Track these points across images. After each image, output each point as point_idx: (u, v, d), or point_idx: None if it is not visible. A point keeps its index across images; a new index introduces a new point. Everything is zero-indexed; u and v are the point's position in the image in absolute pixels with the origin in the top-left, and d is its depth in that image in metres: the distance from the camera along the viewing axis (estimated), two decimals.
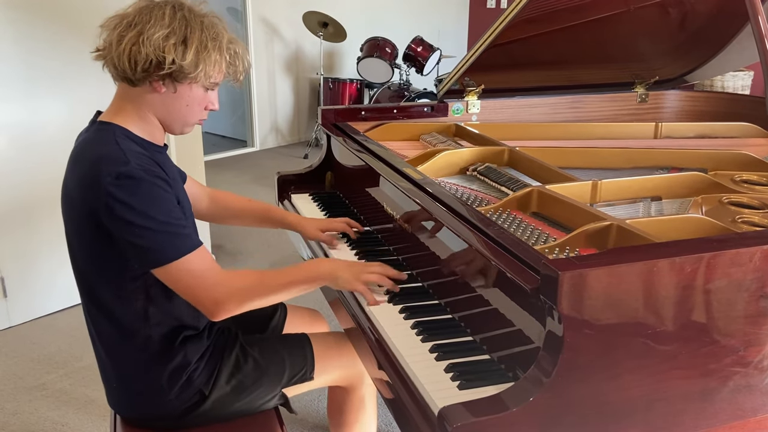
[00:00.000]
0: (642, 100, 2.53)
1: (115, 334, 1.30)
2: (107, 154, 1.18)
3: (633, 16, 2.27)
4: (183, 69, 1.19)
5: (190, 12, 1.21)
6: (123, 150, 1.18)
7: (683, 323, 1.01)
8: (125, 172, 1.15)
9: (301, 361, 1.43)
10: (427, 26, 6.47)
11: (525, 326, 1.07)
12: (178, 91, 1.23)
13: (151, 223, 1.16)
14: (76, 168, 1.23)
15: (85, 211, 1.19)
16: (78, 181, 1.21)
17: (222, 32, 1.24)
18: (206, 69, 1.21)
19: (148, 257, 1.18)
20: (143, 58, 1.17)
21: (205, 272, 1.21)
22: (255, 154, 5.72)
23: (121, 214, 1.14)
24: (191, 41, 1.18)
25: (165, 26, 1.17)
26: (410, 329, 1.26)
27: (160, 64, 1.18)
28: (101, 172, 1.15)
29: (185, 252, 1.18)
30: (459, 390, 1.07)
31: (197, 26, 1.20)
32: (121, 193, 1.14)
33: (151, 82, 1.21)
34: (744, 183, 1.74)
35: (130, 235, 1.16)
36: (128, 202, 1.14)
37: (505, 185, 1.63)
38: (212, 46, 1.21)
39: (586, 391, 0.98)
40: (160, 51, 1.16)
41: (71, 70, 2.65)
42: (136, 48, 1.16)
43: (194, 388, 1.33)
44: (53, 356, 2.50)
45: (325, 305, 2.01)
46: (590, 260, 0.94)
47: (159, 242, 1.17)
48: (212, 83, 1.26)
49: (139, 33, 1.17)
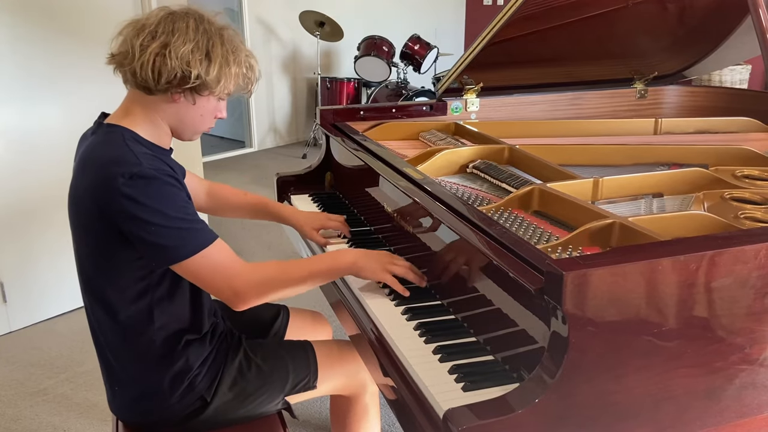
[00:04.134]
0: (641, 96, 2.52)
1: (119, 337, 1.29)
2: (118, 156, 1.18)
3: (631, 11, 2.26)
4: (206, 83, 1.20)
5: (210, 25, 1.22)
6: (134, 152, 1.18)
7: (688, 322, 1.00)
8: (138, 172, 1.15)
9: (304, 370, 1.42)
10: (424, 24, 6.47)
11: (529, 326, 1.06)
12: (197, 103, 1.25)
13: (168, 221, 1.16)
14: (84, 171, 1.22)
15: (96, 215, 1.19)
16: (88, 185, 1.20)
17: (240, 46, 1.26)
18: (226, 83, 1.23)
19: (167, 254, 1.18)
20: (168, 70, 1.17)
21: (226, 264, 1.22)
22: (253, 155, 5.71)
23: (136, 213, 1.14)
24: (215, 56, 1.20)
25: (190, 40, 1.18)
26: (413, 330, 1.25)
27: (185, 78, 1.18)
28: (113, 173, 1.15)
29: (204, 245, 1.19)
30: (463, 392, 1.06)
31: (218, 40, 1.21)
32: (135, 192, 1.14)
33: (171, 94, 1.21)
34: (745, 178, 1.73)
35: (147, 234, 1.16)
36: (143, 201, 1.14)
37: (506, 182, 1.62)
38: (233, 59, 1.23)
39: (592, 392, 0.97)
40: (186, 65, 1.17)
41: (69, 74, 2.64)
42: (161, 59, 1.17)
43: (196, 393, 1.32)
44: (54, 361, 2.49)
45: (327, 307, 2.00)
46: (594, 260, 0.93)
47: (177, 238, 1.17)
48: (226, 94, 1.28)
49: (163, 44, 1.17)
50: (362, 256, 1.36)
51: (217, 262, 1.21)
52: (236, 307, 1.25)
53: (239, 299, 1.23)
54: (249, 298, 1.24)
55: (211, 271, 1.21)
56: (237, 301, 1.24)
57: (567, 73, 2.43)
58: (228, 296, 1.23)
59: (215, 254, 1.21)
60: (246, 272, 1.23)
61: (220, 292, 1.23)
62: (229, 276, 1.22)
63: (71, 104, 2.66)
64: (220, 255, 1.22)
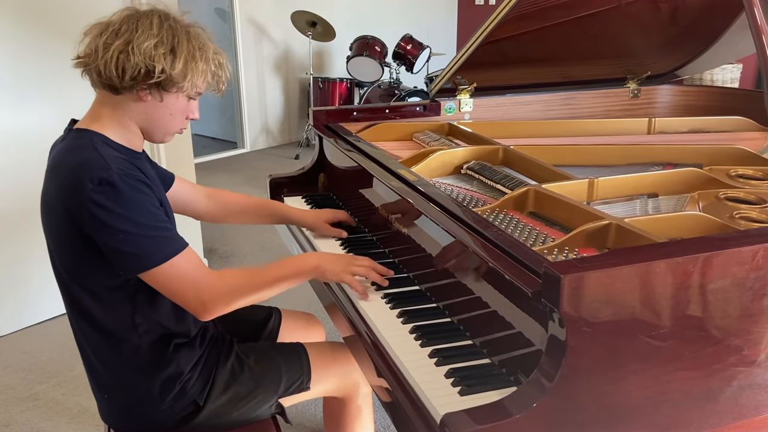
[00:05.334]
0: (634, 95, 2.52)
1: (103, 344, 1.27)
2: (87, 160, 1.15)
3: (624, 11, 2.26)
4: (172, 78, 1.18)
5: (176, 22, 1.21)
6: (103, 156, 1.16)
7: (686, 324, 0.99)
8: (107, 177, 1.13)
9: (297, 371, 1.41)
10: (416, 24, 6.46)
11: (525, 329, 1.05)
12: (164, 101, 1.22)
13: (136, 228, 1.14)
14: (54, 177, 1.20)
15: (66, 219, 1.17)
16: (58, 190, 1.18)
17: (207, 43, 1.24)
18: (193, 79, 1.21)
19: (133, 263, 1.16)
20: (132, 66, 1.15)
21: (193, 274, 1.20)
22: (246, 156, 5.68)
23: (104, 219, 1.12)
24: (180, 51, 1.18)
25: (154, 35, 1.16)
26: (408, 334, 1.24)
27: (149, 73, 1.17)
28: (82, 178, 1.13)
29: (171, 255, 1.17)
30: (460, 396, 1.05)
31: (184, 36, 1.20)
32: (103, 198, 1.12)
33: (137, 91, 1.20)
34: (740, 178, 1.73)
35: (114, 242, 1.14)
36: (111, 208, 1.12)
37: (501, 183, 1.61)
38: (199, 55, 1.21)
39: (591, 395, 0.97)
40: (150, 60, 1.16)
41: (58, 76, 2.60)
42: (124, 56, 1.15)
43: (188, 398, 1.31)
44: (45, 366, 2.46)
45: (320, 309, 1.99)
46: (592, 262, 0.92)
47: (144, 247, 1.15)
48: (196, 93, 1.26)
49: (127, 41, 1.15)
50: (323, 258, 1.36)
51: (186, 271, 1.19)
52: (202, 317, 1.23)
53: (205, 310, 1.22)
54: (215, 308, 1.22)
55: (180, 281, 1.18)
56: (203, 312, 1.22)
57: (560, 72, 2.42)
58: (194, 306, 1.21)
59: (183, 263, 1.19)
60: (213, 282, 1.22)
61: (187, 302, 1.21)
62: (196, 286, 1.20)
63: (61, 107, 2.63)
64: (189, 264, 1.20)
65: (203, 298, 1.20)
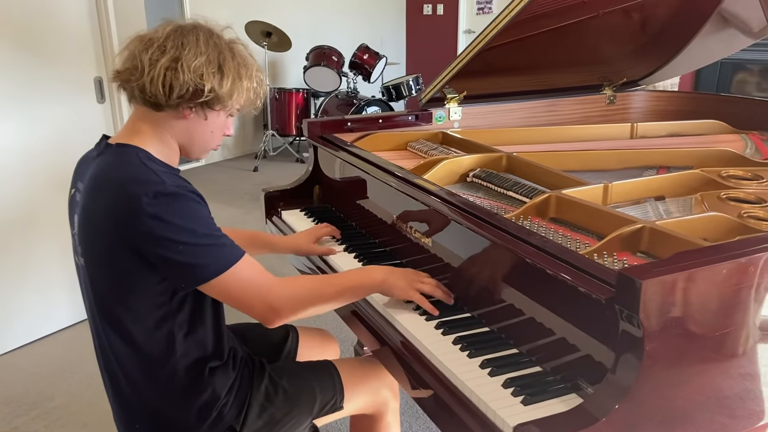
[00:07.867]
0: (610, 101, 2.60)
1: (139, 369, 1.21)
2: (137, 176, 1.11)
3: (600, 21, 2.33)
4: (219, 97, 1.16)
5: (219, 39, 1.19)
6: (153, 170, 1.12)
7: (753, 323, 1.02)
8: (162, 190, 1.09)
9: (330, 390, 1.38)
10: (369, 34, 6.48)
11: (570, 335, 1.06)
12: (208, 119, 1.20)
13: (195, 238, 1.10)
14: (99, 194, 1.14)
15: (118, 239, 1.11)
16: (106, 207, 1.12)
17: (250, 60, 1.23)
18: (238, 97, 1.20)
19: (195, 274, 1.12)
20: (180, 84, 1.12)
21: (256, 279, 1.17)
22: (201, 169, 5.54)
23: (163, 233, 1.08)
24: (227, 69, 1.16)
25: (201, 53, 1.14)
26: (453, 345, 1.23)
27: (197, 92, 1.14)
28: (136, 193, 1.08)
29: (232, 262, 1.14)
30: (524, 405, 1.04)
31: (228, 53, 1.18)
32: (161, 211, 1.08)
33: (182, 109, 1.16)
34: (731, 178, 1.80)
35: (175, 254, 1.09)
36: (170, 220, 1.08)
37: (512, 190, 1.63)
38: (244, 73, 1.20)
39: (658, 397, 0.98)
40: (200, 78, 1.13)
41: (30, 92, 2.47)
42: (171, 73, 1.12)
43: (225, 423, 1.25)
44: (21, 397, 2.31)
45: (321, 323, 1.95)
46: (665, 266, 0.94)
47: (206, 256, 1.12)
48: (237, 110, 1.24)
49: (174, 59, 1.12)
50: (391, 274, 1.34)
51: (248, 277, 1.16)
52: (271, 323, 1.20)
53: (275, 314, 1.19)
54: (284, 313, 1.19)
55: (244, 287, 1.16)
56: (273, 316, 1.19)
57: (543, 81, 2.48)
58: (262, 311, 1.18)
59: (245, 269, 1.16)
60: (279, 287, 1.19)
61: (253, 308, 1.18)
62: (261, 291, 1.17)
63: (32, 124, 2.50)
64: (251, 270, 1.17)
65: (270, 302, 1.17)
